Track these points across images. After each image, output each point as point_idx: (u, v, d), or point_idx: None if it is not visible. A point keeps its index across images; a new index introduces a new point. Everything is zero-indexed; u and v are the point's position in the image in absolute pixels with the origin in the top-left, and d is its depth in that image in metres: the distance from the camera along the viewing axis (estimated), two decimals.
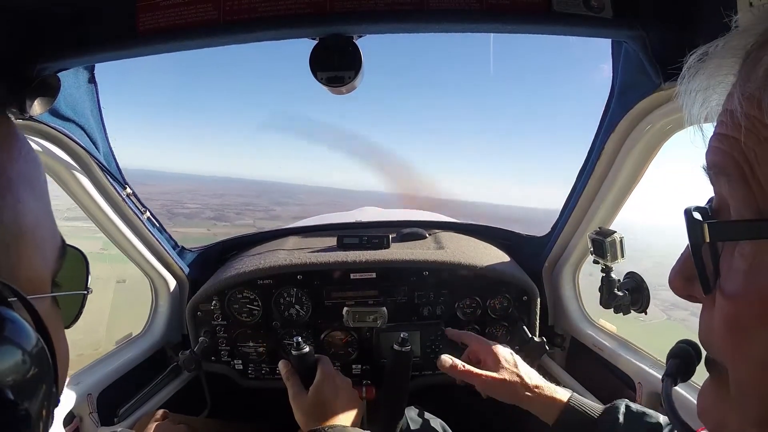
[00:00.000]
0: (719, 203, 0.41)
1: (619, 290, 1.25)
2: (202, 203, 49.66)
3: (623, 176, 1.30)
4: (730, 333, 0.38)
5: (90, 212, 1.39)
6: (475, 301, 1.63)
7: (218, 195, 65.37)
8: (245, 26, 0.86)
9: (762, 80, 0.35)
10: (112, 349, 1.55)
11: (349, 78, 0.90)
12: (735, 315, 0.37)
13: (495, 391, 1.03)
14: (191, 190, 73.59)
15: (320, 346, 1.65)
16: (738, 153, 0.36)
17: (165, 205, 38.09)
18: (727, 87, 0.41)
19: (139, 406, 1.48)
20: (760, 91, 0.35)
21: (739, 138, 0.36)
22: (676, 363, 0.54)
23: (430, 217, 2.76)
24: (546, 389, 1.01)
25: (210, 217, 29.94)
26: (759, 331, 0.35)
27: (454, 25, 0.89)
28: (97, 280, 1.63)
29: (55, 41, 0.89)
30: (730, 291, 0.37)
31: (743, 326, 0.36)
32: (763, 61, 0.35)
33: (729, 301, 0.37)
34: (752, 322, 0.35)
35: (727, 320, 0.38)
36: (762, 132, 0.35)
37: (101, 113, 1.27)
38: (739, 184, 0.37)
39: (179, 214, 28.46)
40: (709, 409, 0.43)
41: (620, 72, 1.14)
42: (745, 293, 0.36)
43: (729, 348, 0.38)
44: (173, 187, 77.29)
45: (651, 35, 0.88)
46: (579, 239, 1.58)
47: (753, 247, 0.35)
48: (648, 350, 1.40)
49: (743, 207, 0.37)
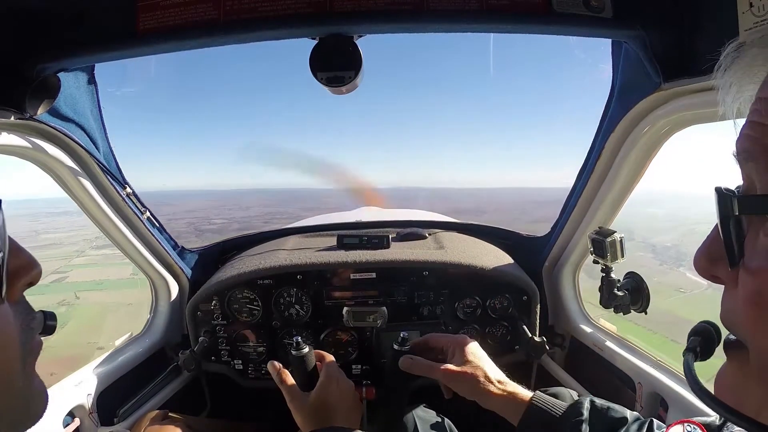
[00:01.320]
0: (747, 188, 0.42)
1: (619, 290, 1.25)
2: (228, 217, 49.63)
3: (623, 176, 1.30)
4: (753, 308, 0.38)
5: (90, 212, 1.39)
6: (475, 301, 1.63)
7: (244, 207, 65.40)
8: (245, 26, 0.86)
9: None
10: (112, 349, 1.55)
11: (349, 78, 0.90)
12: (758, 291, 0.38)
13: (457, 384, 0.98)
14: (217, 205, 73.62)
15: (320, 346, 1.65)
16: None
17: (191, 222, 37.85)
18: (762, 77, 0.41)
19: (139, 406, 1.48)
20: None
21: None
22: (697, 339, 0.54)
23: (430, 217, 2.76)
24: (509, 386, 0.97)
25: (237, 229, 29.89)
26: None
27: (454, 25, 0.89)
28: (129, 306, 1.63)
29: (55, 41, 0.89)
30: (755, 267, 0.38)
31: (766, 301, 0.37)
32: None
33: (753, 277, 0.38)
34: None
35: (750, 296, 0.38)
36: None
37: (101, 113, 1.27)
38: (766, 170, 0.37)
39: (206, 231, 28.59)
40: (727, 389, 0.43)
41: (620, 72, 1.14)
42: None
43: (751, 323, 0.39)
44: (198, 204, 77.34)
45: (651, 35, 0.88)
46: (579, 239, 1.58)
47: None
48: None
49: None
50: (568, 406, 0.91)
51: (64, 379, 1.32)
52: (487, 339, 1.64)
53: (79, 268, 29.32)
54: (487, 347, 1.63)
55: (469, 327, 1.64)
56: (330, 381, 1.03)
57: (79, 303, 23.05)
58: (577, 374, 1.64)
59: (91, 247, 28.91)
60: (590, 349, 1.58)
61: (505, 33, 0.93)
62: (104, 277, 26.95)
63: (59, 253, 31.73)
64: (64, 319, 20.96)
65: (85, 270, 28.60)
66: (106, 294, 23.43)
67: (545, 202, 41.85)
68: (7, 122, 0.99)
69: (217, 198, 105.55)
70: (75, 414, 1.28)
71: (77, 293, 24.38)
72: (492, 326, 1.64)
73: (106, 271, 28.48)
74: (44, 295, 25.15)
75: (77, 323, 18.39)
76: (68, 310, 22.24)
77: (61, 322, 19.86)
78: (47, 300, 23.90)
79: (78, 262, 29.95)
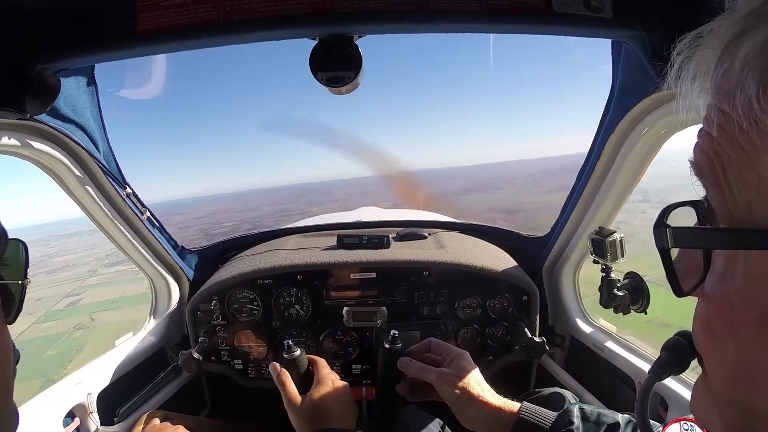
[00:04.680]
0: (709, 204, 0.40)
1: (619, 290, 1.25)
2: (239, 219, 49.48)
3: (623, 176, 1.30)
4: (703, 334, 0.38)
5: (90, 212, 1.39)
6: (475, 301, 1.63)
7: (254, 208, 65.26)
8: (245, 26, 0.86)
9: (735, 75, 0.32)
10: (112, 349, 1.55)
11: (349, 78, 0.90)
12: (708, 317, 0.36)
13: (448, 389, 0.96)
14: (227, 209, 73.52)
15: (320, 346, 1.65)
16: (712, 152, 0.35)
17: (202, 229, 37.62)
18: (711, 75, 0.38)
19: (138, 406, 1.48)
20: (733, 88, 0.32)
21: (714, 135, 0.34)
22: (665, 356, 0.52)
23: (430, 216, 2.77)
24: (497, 398, 0.96)
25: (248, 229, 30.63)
26: (729, 338, 0.34)
27: (454, 25, 0.89)
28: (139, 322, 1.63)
29: (55, 41, 0.89)
30: (708, 292, 0.37)
31: (715, 330, 0.36)
32: (740, 53, 0.32)
33: (706, 302, 0.37)
34: (722, 327, 0.35)
35: (701, 321, 0.37)
36: (733, 132, 0.33)
37: (101, 113, 1.27)
38: (712, 189, 0.35)
39: (217, 235, 28.78)
40: (696, 403, 0.42)
41: (620, 72, 1.14)
42: (716, 297, 0.35)
43: (704, 348, 0.38)
44: (208, 209, 77.23)
45: (651, 35, 0.88)
46: (579, 239, 1.58)
47: (727, 253, 0.35)
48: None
49: (718, 212, 0.35)
50: (557, 415, 0.89)
51: (64, 379, 1.32)
52: (487, 339, 1.64)
53: (92, 289, 29.17)
54: (487, 347, 1.65)
55: (469, 327, 1.64)
56: (324, 383, 1.04)
57: (95, 324, 22.88)
58: (577, 374, 1.64)
59: (104, 266, 28.78)
60: (590, 349, 1.58)
61: (505, 33, 0.93)
62: (118, 295, 26.77)
63: (72, 275, 31.51)
64: (80, 343, 20.74)
65: (99, 290, 28.44)
66: (121, 313, 23.22)
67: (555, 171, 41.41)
68: (7, 122, 0.99)
69: (226, 201, 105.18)
70: (75, 413, 1.28)
71: (92, 315, 24.18)
72: (492, 326, 1.64)
73: (120, 289, 28.29)
74: (59, 320, 24.87)
75: (93, 347, 18.21)
76: (84, 334, 22.03)
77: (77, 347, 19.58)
78: (63, 325, 23.63)
79: (91, 281, 29.82)
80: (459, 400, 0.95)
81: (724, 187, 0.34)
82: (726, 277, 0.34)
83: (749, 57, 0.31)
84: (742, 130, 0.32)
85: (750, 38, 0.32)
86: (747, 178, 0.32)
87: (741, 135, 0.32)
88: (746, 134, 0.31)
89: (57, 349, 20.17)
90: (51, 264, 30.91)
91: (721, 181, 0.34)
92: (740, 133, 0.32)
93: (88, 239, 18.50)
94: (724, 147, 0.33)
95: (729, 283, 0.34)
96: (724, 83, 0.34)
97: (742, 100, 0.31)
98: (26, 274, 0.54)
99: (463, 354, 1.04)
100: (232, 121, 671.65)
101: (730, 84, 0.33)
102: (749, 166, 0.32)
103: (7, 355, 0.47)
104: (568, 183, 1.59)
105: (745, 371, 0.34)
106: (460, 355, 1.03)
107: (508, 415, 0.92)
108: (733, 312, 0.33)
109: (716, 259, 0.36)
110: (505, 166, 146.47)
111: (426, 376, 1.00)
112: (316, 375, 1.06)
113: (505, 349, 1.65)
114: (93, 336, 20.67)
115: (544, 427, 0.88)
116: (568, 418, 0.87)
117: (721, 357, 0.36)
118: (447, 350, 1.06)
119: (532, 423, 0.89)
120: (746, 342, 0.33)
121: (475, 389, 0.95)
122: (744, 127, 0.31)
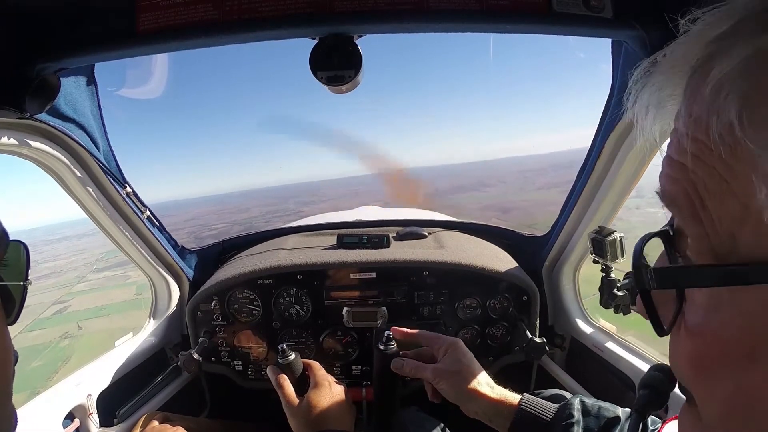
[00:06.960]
0: (677, 232, 0.38)
1: (619, 290, 1.25)
2: (228, 221, 49.41)
3: (623, 176, 1.30)
4: (693, 370, 0.36)
5: (90, 211, 1.39)
6: (475, 301, 1.63)
7: (244, 209, 65.00)
8: (245, 26, 0.86)
9: (709, 101, 0.31)
10: (112, 350, 1.54)
11: (349, 77, 0.90)
12: (697, 353, 0.35)
13: (445, 385, 0.95)
14: (216, 211, 73.39)
15: (320, 346, 1.65)
16: (687, 183, 0.33)
17: (192, 232, 37.51)
18: (678, 101, 0.37)
19: (138, 407, 1.48)
20: (707, 114, 0.31)
21: (688, 165, 0.33)
22: (645, 395, 0.51)
23: (430, 215, 2.76)
24: (497, 389, 0.96)
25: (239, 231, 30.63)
26: (721, 371, 0.33)
27: (454, 25, 0.89)
28: (135, 330, 1.62)
29: (55, 41, 0.89)
30: (691, 326, 0.35)
31: (706, 365, 0.34)
32: (711, 77, 0.30)
33: (690, 337, 0.35)
34: (713, 362, 0.34)
35: (690, 357, 0.36)
36: (710, 160, 0.31)
37: (101, 113, 1.27)
38: (689, 221, 0.33)
39: (207, 237, 28.86)
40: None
41: (620, 72, 1.14)
42: (704, 332, 0.34)
43: (693, 384, 0.37)
44: (197, 211, 77.03)
45: (651, 35, 0.88)
46: (579, 239, 1.58)
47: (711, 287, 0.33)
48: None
49: (697, 245, 0.33)
50: (558, 407, 0.89)
51: (64, 380, 1.32)
52: (487, 339, 1.64)
53: (80, 295, 28.88)
54: (487, 347, 1.65)
55: (469, 327, 1.64)
56: (321, 385, 1.05)
57: (82, 333, 22.65)
58: (577, 375, 1.63)
59: (92, 271, 28.40)
60: (590, 349, 1.58)
61: (505, 33, 0.93)
62: (107, 301, 26.48)
63: (60, 281, 31.18)
64: (67, 353, 20.49)
65: (87, 296, 28.15)
66: (109, 320, 22.96)
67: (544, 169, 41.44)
68: (7, 122, 0.99)
69: (216, 203, 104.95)
70: (75, 415, 1.28)
71: (80, 323, 23.95)
72: (492, 326, 1.64)
73: (108, 295, 27.98)
74: (46, 329, 24.67)
75: (79, 357, 18.00)
76: (71, 343, 21.80)
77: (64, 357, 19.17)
78: (49, 334, 23.44)
79: (79, 288, 29.51)
80: (457, 395, 0.95)
81: (703, 219, 0.32)
82: (711, 310, 0.33)
83: (724, 80, 0.30)
84: (720, 158, 0.30)
85: (724, 61, 0.30)
86: (729, 209, 0.30)
87: (719, 163, 0.30)
88: (724, 162, 0.30)
89: (43, 359, 19.66)
90: (39, 270, 30.63)
91: (699, 213, 0.32)
92: (719, 162, 0.30)
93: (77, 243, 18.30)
94: (700, 176, 0.32)
95: (715, 317, 0.33)
96: (695, 108, 0.32)
97: (719, 127, 0.29)
98: (27, 275, 0.55)
99: (457, 343, 1.03)
100: (222, 122, 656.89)
101: (702, 109, 0.31)
102: (730, 196, 0.30)
103: (7, 356, 0.47)
104: (560, 180, 1.59)
105: (740, 405, 0.33)
106: (453, 345, 1.02)
107: (508, 408, 0.92)
108: (724, 346, 0.32)
109: (695, 292, 0.35)
110: (495, 164, 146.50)
111: (421, 374, 0.99)
112: (313, 378, 1.07)
113: (505, 349, 1.65)
114: (80, 345, 20.44)
115: (545, 419, 0.88)
116: (569, 410, 0.87)
117: (713, 392, 0.34)
118: (439, 342, 1.04)
119: (533, 415, 0.89)
120: (740, 376, 0.32)
121: (472, 383, 0.94)
122: (722, 155, 0.30)
